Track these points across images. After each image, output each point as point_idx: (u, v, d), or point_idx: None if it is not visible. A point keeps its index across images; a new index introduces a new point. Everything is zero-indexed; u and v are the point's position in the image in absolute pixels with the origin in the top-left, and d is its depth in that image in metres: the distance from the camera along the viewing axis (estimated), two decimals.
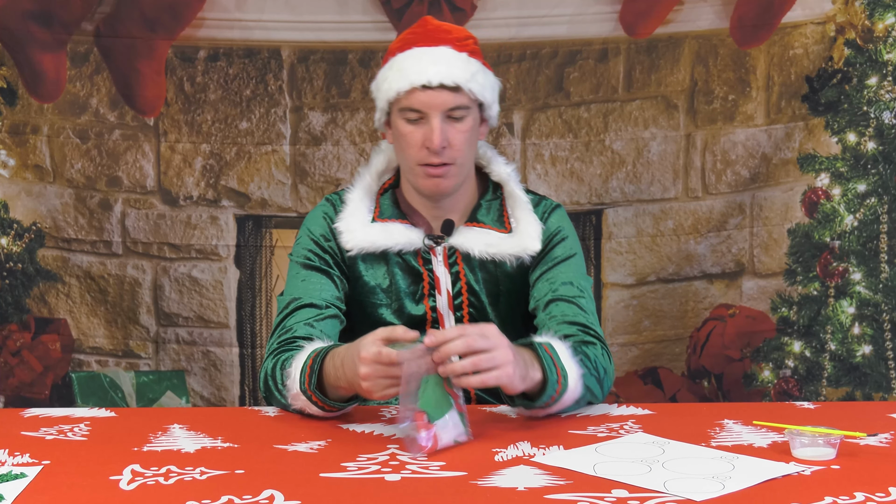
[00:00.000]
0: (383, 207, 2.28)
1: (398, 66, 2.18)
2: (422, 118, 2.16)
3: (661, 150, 3.30)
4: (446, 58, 2.16)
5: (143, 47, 3.26)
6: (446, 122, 2.15)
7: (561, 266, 2.25)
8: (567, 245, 2.28)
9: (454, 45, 2.19)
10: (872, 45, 3.21)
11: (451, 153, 2.16)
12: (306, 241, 2.28)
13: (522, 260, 2.25)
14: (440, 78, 2.13)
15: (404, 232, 2.25)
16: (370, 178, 2.31)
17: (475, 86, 2.17)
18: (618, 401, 2.52)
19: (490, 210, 2.29)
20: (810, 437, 1.73)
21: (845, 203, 3.26)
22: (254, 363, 3.36)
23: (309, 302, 2.19)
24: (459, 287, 2.24)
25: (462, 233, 2.25)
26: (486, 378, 1.81)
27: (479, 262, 2.25)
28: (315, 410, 1.98)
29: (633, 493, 1.54)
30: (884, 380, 3.28)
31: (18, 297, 3.31)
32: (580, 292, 2.21)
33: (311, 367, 1.95)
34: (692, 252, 3.33)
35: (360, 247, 2.24)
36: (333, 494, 1.56)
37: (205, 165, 3.31)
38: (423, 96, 2.14)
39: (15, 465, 1.71)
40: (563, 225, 2.31)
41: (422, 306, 2.24)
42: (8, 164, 3.28)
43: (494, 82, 2.24)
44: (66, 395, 3.33)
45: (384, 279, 2.25)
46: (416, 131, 2.16)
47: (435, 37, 2.20)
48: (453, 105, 2.15)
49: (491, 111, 2.24)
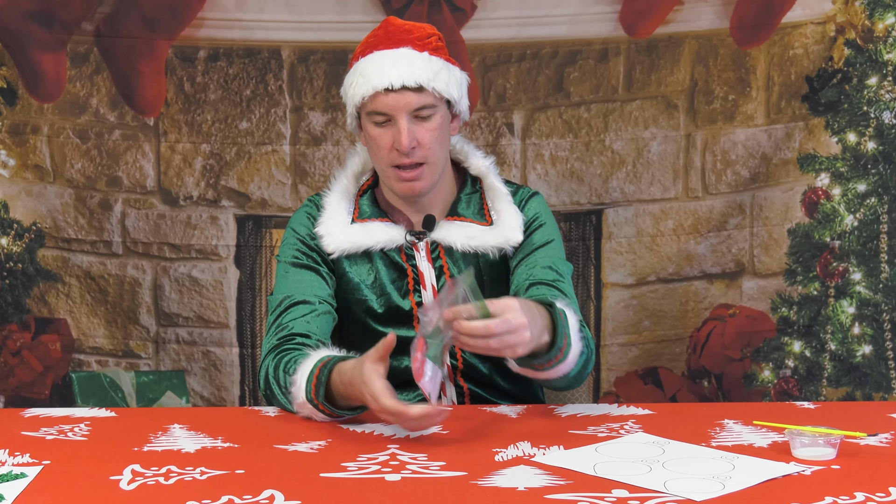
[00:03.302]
0: (363, 208, 2.30)
1: (361, 71, 2.20)
2: (389, 120, 2.18)
3: (661, 150, 3.31)
4: (407, 59, 2.17)
5: (143, 47, 3.26)
6: (413, 123, 2.17)
7: (539, 251, 2.27)
8: (545, 231, 2.30)
9: (414, 44, 2.20)
10: (872, 45, 3.21)
11: (421, 153, 2.18)
12: (293, 241, 2.30)
13: (504, 251, 2.27)
14: (402, 80, 2.15)
15: (385, 230, 2.27)
16: (347, 181, 2.34)
17: (439, 84, 2.18)
18: (618, 401, 2.52)
19: (470, 203, 2.31)
20: (810, 437, 1.73)
21: (845, 203, 3.26)
22: (254, 363, 3.36)
23: (302, 299, 2.20)
24: (444, 281, 2.26)
25: (443, 227, 2.27)
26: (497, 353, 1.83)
27: (462, 255, 2.27)
28: (323, 418, 2.00)
29: (634, 493, 1.54)
30: (884, 380, 3.28)
31: (18, 297, 3.31)
32: (559, 277, 2.23)
33: (319, 378, 1.95)
34: (692, 252, 3.33)
35: (341, 248, 2.26)
36: (333, 494, 1.56)
37: (205, 165, 3.31)
38: (387, 99, 2.16)
39: (15, 465, 1.71)
40: (540, 211, 2.33)
41: (407, 301, 2.26)
42: (8, 164, 3.28)
43: (461, 77, 2.26)
44: (67, 395, 3.33)
45: (368, 275, 2.27)
46: (385, 134, 2.18)
47: (396, 38, 2.21)
48: (418, 105, 2.17)
49: (460, 106, 2.26)
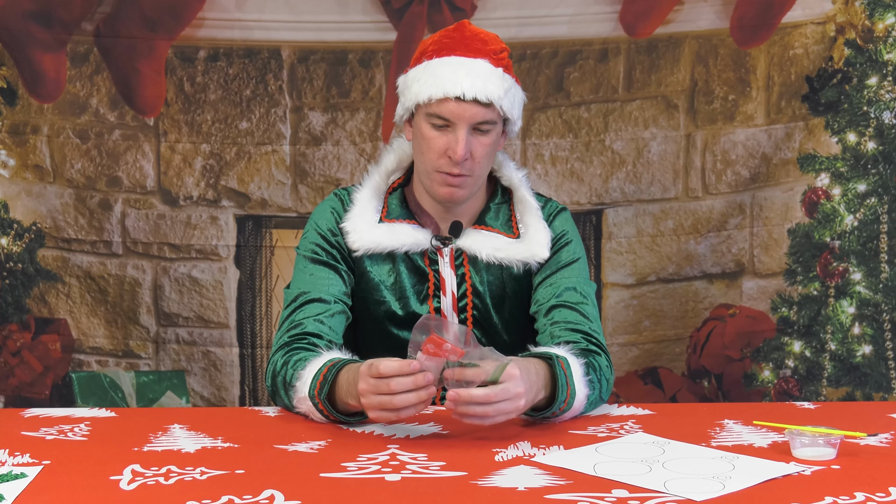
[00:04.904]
0: (391, 207, 2.28)
1: (434, 72, 2.16)
2: (448, 126, 2.15)
3: (661, 150, 3.31)
4: (484, 72, 2.14)
5: (143, 47, 3.26)
6: (471, 135, 2.14)
7: (564, 271, 2.25)
8: (571, 249, 2.28)
9: (491, 58, 2.17)
10: (872, 45, 3.21)
11: (470, 165, 2.16)
12: (313, 235, 2.28)
13: (529, 266, 2.25)
14: (475, 92, 2.12)
15: (411, 233, 2.25)
16: (379, 178, 2.31)
17: (506, 103, 2.16)
18: (618, 401, 2.52)
19: (499, 214, 2.29)
20: (810, 437, 1.73)
21: (845, 203, 3.26)
22: (254, 363, 3.36)
23: (317, 297, 2.19)
24: (465, 289, 2.25)
25: (470, 235, 2.25)
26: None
27: (486, 265, 2.25)
28: (318, 417, 1.99)
29: (634, 493, 1.54)
30: (884, 380, 3.28)
31: (18, 297, 3.31)
32: (583, 298, 2.21)
33: (325, 377, 1.95)
34: (692, 252, 3.33)
35: (366, 247, 2.24)
36: (333, 494, 1.56)
37: (205, 165, 3.31)
38: (454, 107, 2.13)
39: (15, 465, 1.71)
40: (567, 228, 2.31)
41: (426, 306, 2.25)
42: (8, 164, 3.28)
43: (522, 98, 2.24)
44: (67, 395, 3.33)
45: (389, 276, 2.25)
46: (440, 138, 2.15)
47: (473, 47, 2.18)
48: (482, 119, 2.14)
49: (514, 126, 2.24)
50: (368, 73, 3.29)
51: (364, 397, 1.83)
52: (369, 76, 3.29)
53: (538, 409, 1.95)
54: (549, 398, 1.95)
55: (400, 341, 2.24)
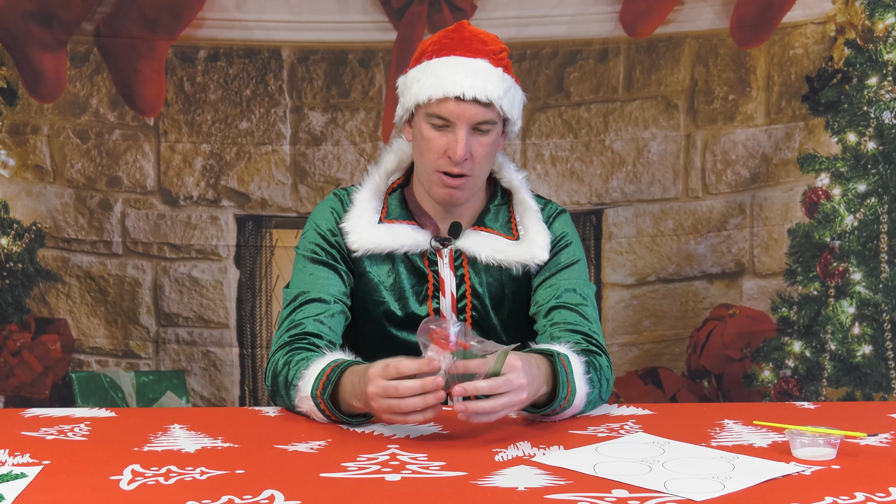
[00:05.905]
0: (391, 207, 2.28)
1: (434, 72, 2.16)
2: (447, 126, 2.15)
3: (661, 150, 3.31)
4: (483, 72, 2.14)
5: (143, 47, 3.26)
6: (471, 135, 2.15)
7: (564, 272, 2.25)
8: (571, 251, 2.28)
9: (491, 58, 2.17)
10: (872, 45, 3.21)
11: (470, 165, 2.16)
12: (313, 235, 2.28)
13: (528, 268, 2.25)
14: (475, 92, 2.12)
15: (411, 233, 2.25)
16: (379, 178, 2.31)
17: (506, 103, 2.16)
18: (618, 401, 2.52)
19: (498, 216, 2.29)
20: (810, 437, 1.73)
21: (845, 203, 3.26)
22: (254, 363, 3.36)
23: (317, 297, 2.19)
24: (464, 290, 2.25)
25: (469, 236, 2.25)
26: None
27: (485, 267, 2.25)
28: (320, 417, 1.99)
29: (634, 493, 1.54)
30: (884, 380, 3.28)
31: (18, 297, 3.31)
32: (583, 300, 2.21)
33: (329, 377, 1.95)
34: (692, 252, 3.33)
35: (365, 248, 2.24)
36: (333, 494, 1.56)
37: (205, 165, 3.31)
38: (453, 107, 2.13)
39: (15, 465, 1.71)
40: (567, 230, 2.31)
41: (425, 307, 2.25)
42: (8, 164, 3.28)
43: (522, 98, 2.24)
44: (67, 395, 3.33)
45: (388, 277, 2.25)
46: (440, 138, 2.15)
47: (473, 47, 2.18)
48: (482, 119, 2.14)
49: (514, 126, 2.24)
50: (368, 73, 3.29)
51: (373, 401, 1.83)
52: (369, 76, 3.29)
53: (539, 405, 1.95)
54: (550, 395, 1.95)
55: (399, 342, 2.24)
